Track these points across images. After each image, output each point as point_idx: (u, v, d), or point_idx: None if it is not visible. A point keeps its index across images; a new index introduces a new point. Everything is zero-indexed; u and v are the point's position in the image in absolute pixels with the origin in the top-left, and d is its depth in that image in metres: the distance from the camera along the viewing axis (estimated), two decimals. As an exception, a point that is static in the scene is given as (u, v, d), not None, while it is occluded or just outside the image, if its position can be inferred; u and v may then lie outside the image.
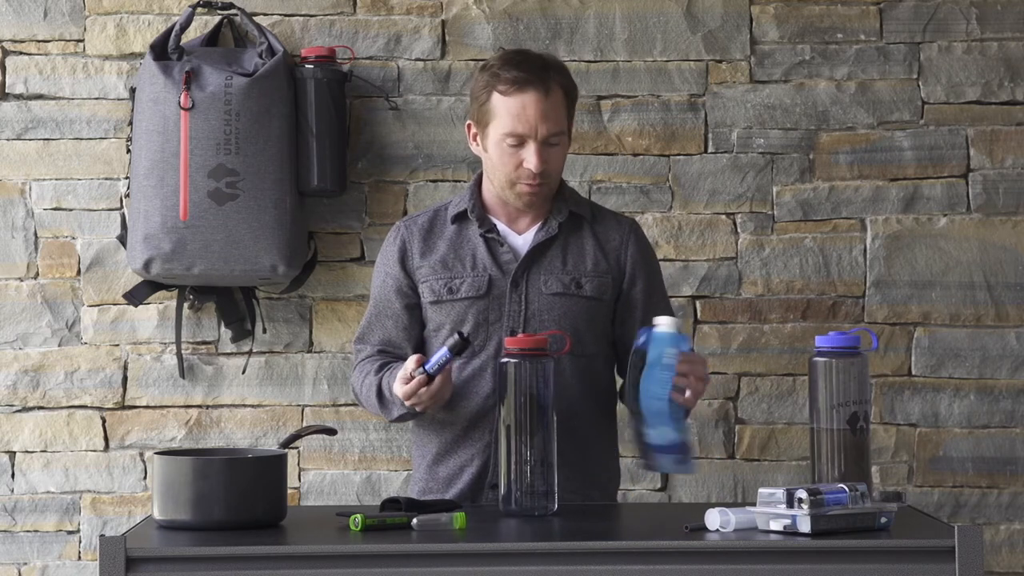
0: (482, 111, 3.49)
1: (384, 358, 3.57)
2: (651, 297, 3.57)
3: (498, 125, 3.46)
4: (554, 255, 3.54)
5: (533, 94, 3.44)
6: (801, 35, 4.26)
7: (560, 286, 3.51)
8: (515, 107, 3.44)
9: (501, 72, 3.46)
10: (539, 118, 3.44)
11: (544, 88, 3.45)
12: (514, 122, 3.44)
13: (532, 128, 3.44)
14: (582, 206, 3.60)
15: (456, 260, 3.54)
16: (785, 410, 4.25)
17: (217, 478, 3.07)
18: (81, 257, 4.24)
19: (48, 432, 4.23)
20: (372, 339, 3.61)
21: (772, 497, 3.02)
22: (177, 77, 4.05)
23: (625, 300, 3.56)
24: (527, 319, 3.50)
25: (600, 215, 3.62)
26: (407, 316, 3.58)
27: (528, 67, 3.46)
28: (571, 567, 2.93)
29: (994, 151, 4.26)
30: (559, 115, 3.47)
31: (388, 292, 3.59)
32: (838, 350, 3.29)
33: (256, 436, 4.24)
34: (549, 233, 3.54)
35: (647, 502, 4.21)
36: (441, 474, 3.55)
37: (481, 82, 3.50)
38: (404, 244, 3.59)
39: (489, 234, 3.54)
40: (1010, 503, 4.24)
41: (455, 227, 3.57)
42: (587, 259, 3.54)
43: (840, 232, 4.25)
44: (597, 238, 3.57)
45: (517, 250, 3.54)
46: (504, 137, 3.46)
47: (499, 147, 3.47)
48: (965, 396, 4.25)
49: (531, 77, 3.45)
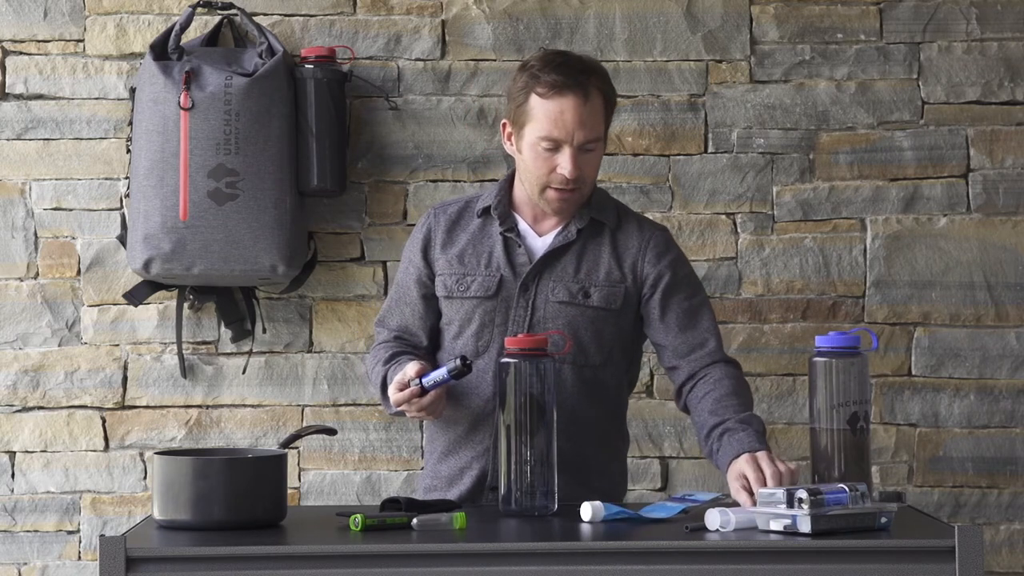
0: (519, 112, 3.45)
1: (399, 345, 3.58)
2: (673, 296, 3.50)
3: (534, 128, 3.43)
4: (568, 262, 3.51)
5: (572, 99, 3.40)
6: (801, 35, 4.26)
7: (567, 294, 3.49)
8: (553, 111, 3.40)
9: (541, 74, 3.42)
10: (576, 124, 3.40)
11: (583, 93, 3.41)
12: (551, 126, 3.41)
13: (569, 134, 3.40)
14: (607, 212, 3.55)
15: (473, 256, 3.53)
16: (785, 410, 4.25)
17: (217, 478, 3.07)
18: (81, 257, 4.24)
19: (48, 432, 4.23)
20: (391, 323, 3.62)
21: (772, 497, 3.02)
22: (177, 77, 4.05)
23: (648, 305, 3.52)
24: (531, 324, 3.48)
25: (625, 223, 3.56)
26: (423, 305, 3.58)
27: (568, 70, 3.42)
28: (571, 567, 2.93)
29: (994, 151, 4.26)
30: (597, 121, 3.44)
31: (408, 280, 3.60)
32: (838, 350, 3.29)
33: (256, 436, 4.24)
34: (567, 239, 3.51)
35: (647, 502, 4.21)
36: (444, 472, 3.56)
37: (520, 82, 3.46)
38: (430, 233, 3.58)
39: (509, 233, 3.53)
40: (1010, 503, 4.24)
41: (480, 221, 3.56)
42: (600, 268, 3.51)
43: (840, 232, 4.25)
44: (615, 247, 3.53)
45: (533, 253, 3.52)
46: (540, 140, 3.42)
47: (534, 150, 3.44)
48: (965, 396, 4.25)
49: (571, 81, 3.40)
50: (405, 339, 3.60)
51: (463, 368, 3.30)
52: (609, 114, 3.49)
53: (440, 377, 3.33)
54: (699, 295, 3.56)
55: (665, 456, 4.23)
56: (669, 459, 4.23)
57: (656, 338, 3.53)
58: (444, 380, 3.33)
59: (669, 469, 4.25)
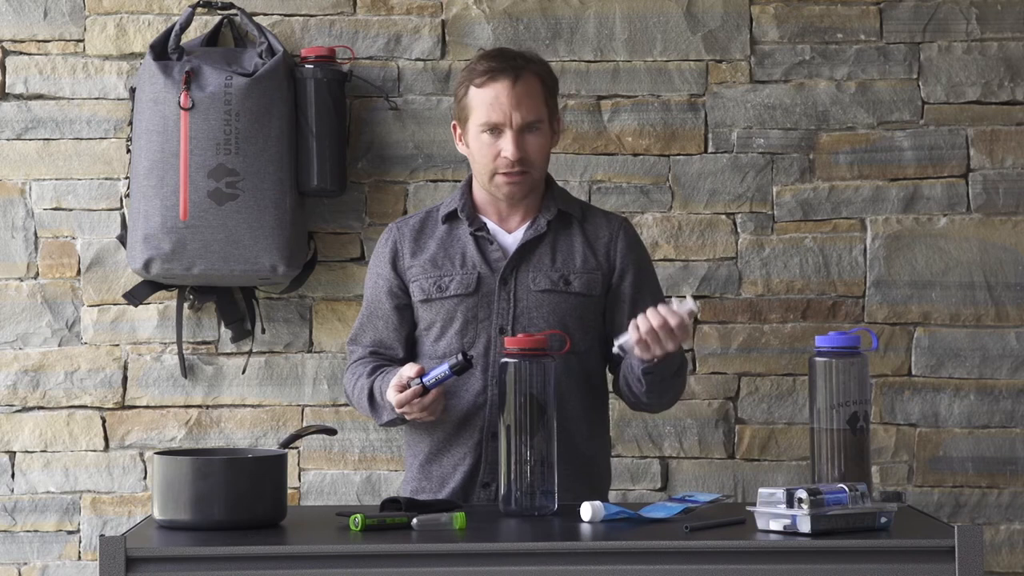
0: (461, 107, 3.53)
1: (376, 360, 3.59)
2: (640, 292, 3.57)
3: (475, 118, 3.49)
4: (543, 252, 3.54)
5: (504, 82, 3.47)
6: (801, 35, 4.26)
7: (548, 283, 3.52)
8: (488, 97, 3.47)
9: (475, 67, 3.52)
10: (512, 105, 3.46)
11: (514, 75, 3.47)
12: (488, 111, 3.47)
13: (506, 115, 3.46)
14: (571, 205, 3.61)
15: (446, 259, 3.55)
16: (785, 410, 4.25)
17: (217, 478, 3.07)
18: (81, 257, 4.24)
19: (48, 432, 4.23)
20: (364, 340, 3.63)
21: (772, 497, 3.02)
22: (177, 77, 4.05)
23: (614, 295, 3.57)
24: (516, 316, 3.50)
25: (590, 214, 3.63)
26: (397, 317, 3.59)
27: (501, 59, 3.51)
28: (571, 567, 2.93)
29: (994, 151, 4.26)
30: (535, 103, 3.49)
31: (379, 293, 3.61)
32: (838, 350, 3.29)
33: (256, 436, 4.24)
34: (538, 231, 3.54)
35: (647, 502, 4.21)
36: (435, 473, 3.56)
37: (459, 80, 3.55)
38: (395, 245, 3.61)
39: (479, 232, 3.55)
40: (1010, 503, 4.24)
41: (446, 227, 3.59)
42: (576, 256, 3.55)
43: (840, 232, 4.25)
44: (586, 235, 3.57)
45: (506, 248, 3.55)
46: (481, 128, 3.48)
47: (478, 139, 3.50)
48: (965, 396, 4.25)
49: (502, 66, 3.48)
50: (381, 353, 3.61)
51: (464, 363, 3.30)
52: (550, 98, 3.53)
53: (442, 374, 3.33)
54: (660, 293, 3.64)
55: (665, 456, 4.23)
56: (669, 459, 4.23)
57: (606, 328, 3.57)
58: (446, 377, 3.33)
59: (669, 469, 4.25)
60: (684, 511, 3.20)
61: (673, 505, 3.24)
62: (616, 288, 3.57)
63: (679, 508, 3.21)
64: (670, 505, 3.24)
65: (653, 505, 3.27)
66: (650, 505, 3.28)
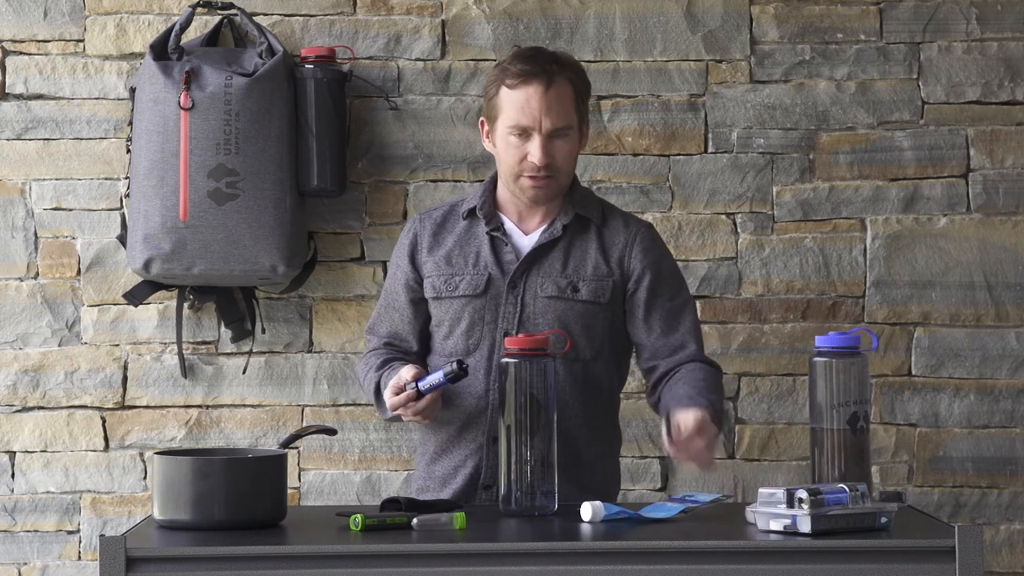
0: (491, 106, 3.50)
1: (389, 352, 3.60)
2: (655, 296, 3.54)
3: (504, 118, 3.47)
4: (555, 258, 3.53)
5: (537, 86, 3.44)
6: (801, 35, 4.26)
7: (556, 289, 3.51)
8: (519, 99, 3.45)
9: (510, 67, 3.48)
10: (542, 110, 3.44)
11: (548, 80, 3.44)
12: (518, 114, 3.45)
13: (536, 120, 3.44)
14: (591, 208, 3.57)
15: (460, 256, 3.55)
16: (785, 410, 4.25)
17: (217, 478, 3.07)
18: (81, 257, 4.24)
19: (48, 432, 4.23)
20: (380, 330, 3.64)
21: (772, 497, 3.02)
22: (177, 77, 4.05)
23: (631, 302, 3.55)
24: (522, 321, 3.50)
25: (610, 218, 3.58)
26: (412, 310, 3.59)
27: (535, 61, 3.47)
28: (571, 567, 2.93)
29: (994, 151, 4.26)
30: (565, 108, 3.47)
31: (397, 285, 3.61)
32: (838, 350, 3.29)
33: (256, 436, 4.25)
34: (553, 235, 3.53)
35: (647, 502, 4.21)
36: (437, 472, 3.56)
37: (491, 78, 3.52)
38: (416, 238, 3.61)
39: (495, 232, 3.54)
40: (1010, 503, 4.24)
41: (466, 223, 3.58)
42: (588, 263, 3.53)
43: (840, 232, 4.25)
44: (602, 241, 3.55)
45: (520, 250, 3.54)
46: (509, 130, 3.46)
47: (505, 140, 3.48)
48: (965, 396, 4.25)
49: (536, 70, 3.45)
50: (395, 345, 3.61)
51: (459, 372, 3.30)
52: (581, 103, 3.51)
53: (436, 381, 3.34)
54: (682, 295, 3.59)
55: (665, 456, 4.23)
56: (669, 459, 4.23)
57: (637, 336, 3.55)
58: (440, 384, 3.34)
59: (669, 469, 4.25)
60: (684, 511, 3.20)
61: (673, 505, 3.24)
62: (632, 294, 3.54)
63: (679, 508, 3.21)
64: (670, 505, 3.24)
65: (653, 505, 3.27)
66: (650, 505, 3.28)
